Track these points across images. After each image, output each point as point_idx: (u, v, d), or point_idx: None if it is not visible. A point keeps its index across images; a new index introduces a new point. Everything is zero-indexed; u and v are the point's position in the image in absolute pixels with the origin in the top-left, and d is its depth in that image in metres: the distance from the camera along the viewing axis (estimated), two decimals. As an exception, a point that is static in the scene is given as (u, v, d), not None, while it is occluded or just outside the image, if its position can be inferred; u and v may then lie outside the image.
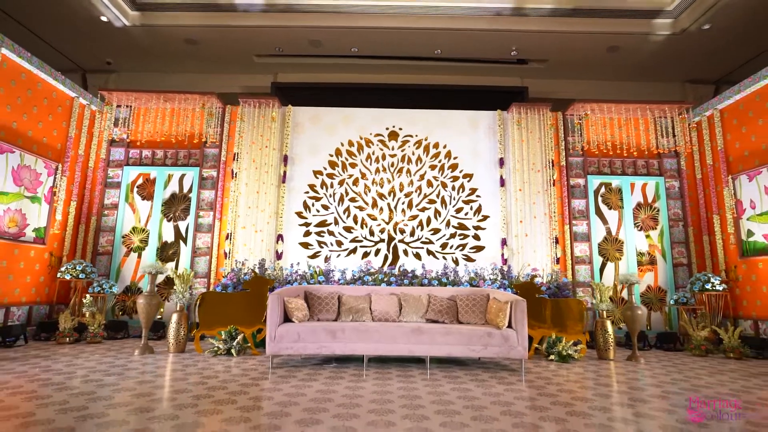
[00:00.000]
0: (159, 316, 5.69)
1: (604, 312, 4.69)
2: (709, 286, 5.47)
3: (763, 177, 5.23)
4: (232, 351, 4.31)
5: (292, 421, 2.36)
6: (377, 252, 6.06)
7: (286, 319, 3.95)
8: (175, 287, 4.85)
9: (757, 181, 5.33)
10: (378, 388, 3.16)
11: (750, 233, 5.44)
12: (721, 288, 5.47)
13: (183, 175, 6.31)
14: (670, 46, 7.23)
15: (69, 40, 7.31)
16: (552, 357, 4.42)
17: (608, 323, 4.61)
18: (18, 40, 6.28)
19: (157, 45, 7.47)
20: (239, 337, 4.40)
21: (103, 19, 6.75)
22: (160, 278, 5.94)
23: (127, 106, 6.42)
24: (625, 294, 5.95)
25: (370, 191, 6.22)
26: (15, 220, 4.98)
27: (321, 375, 3.57)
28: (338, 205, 6.19)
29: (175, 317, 4.49)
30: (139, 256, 6.08)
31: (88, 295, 5.22)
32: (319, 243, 6.08)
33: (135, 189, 6.29)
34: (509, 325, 3.90)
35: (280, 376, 3.50)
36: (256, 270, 5.12)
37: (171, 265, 6.01)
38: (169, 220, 6.20)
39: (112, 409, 2.48)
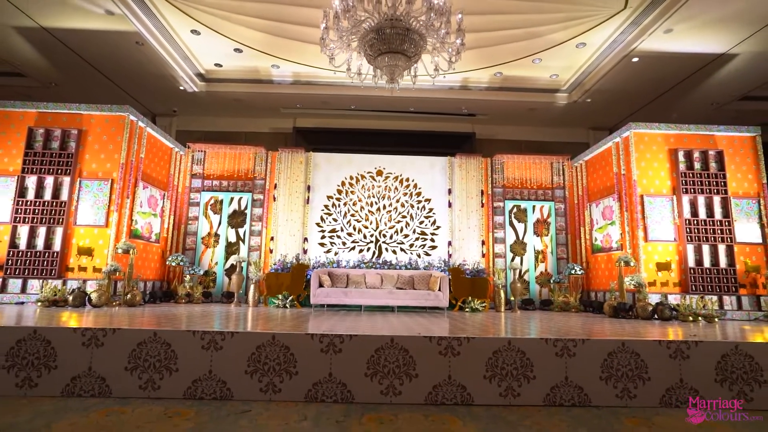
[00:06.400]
0: (227, 289, 8.94)
1: (499, 285, 8.08)
2: (574, 272, 8.90)
3: (600, 206, 8.71)
4: (286, 305, 7.62)
5: (324, 327, 4.42)
6: (368, 249, 9.39)
7: (320, 285, 7.27)
8: (251, 269, 8.13)
9: (598, 208, 8.81)
10: (369, 319, 6.47)
11: (595, 239, 8.92)
12: (580, 272, 8.90)
13: (240, 198, 9.56)
14: (571, 108, 10.67)
15: (149, 96, 10.48)
16: (467, 310, 7.82)
17: (501, 291, 8.01)
18: (115, 94, 9.60)
19: (212, 101, 10.68)
20: (289, 298, 7.70)
21: (180, 88, 9.93)
22: (226, 263, 9.20)
23: (202, 151, 9.62)
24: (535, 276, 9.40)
25: (363, 209, 9.55)
26: (149, 229, 8.19)
27: (338, 314, 6.85)
28: (343, 218, 9.50)
29: (252, 287, 7.78)
30: (213, 252, 9.31)
31: (188, 275, 8.45)
32: (331, 243, 9.39)
33: (209, 207, 9.51)
34: (440, 289, 7.28)
35: (316, 314, 6.78)
36: (296, 260, 8.42)
37: (236, 257, 9.26)
38: (232, 228, 9.44)
39: (226, 317, 5.76)
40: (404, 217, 9.55)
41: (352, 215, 9.50)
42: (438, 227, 9.54)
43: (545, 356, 3.63)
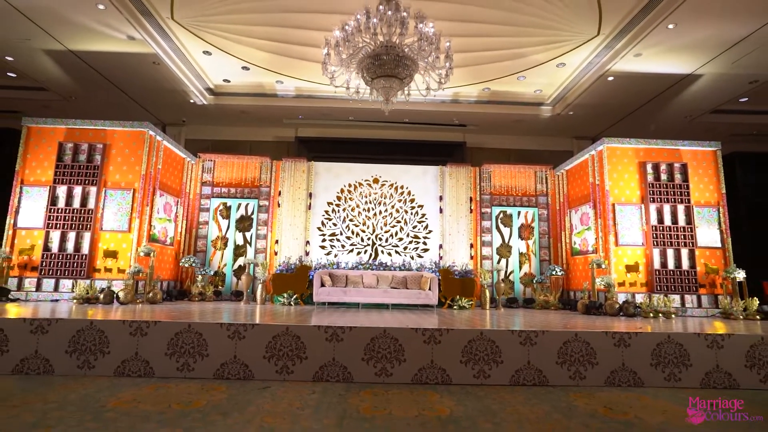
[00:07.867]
0: (236, 288, 9.69)
1: (485, 284, 8.84)
2: (554, 273, 9.68)
3: (579, 212, 9.49)
4: (291, 303, 8.37)
5: (327, 321, 6.22)
6: (365, 251, 10.14)
7: (322, 284, 8.02)
8: (257, 270, 8.89)
9: (577, 214, 9.59)
10: (366, 315, 7.23)
11: (574, 243, 9.70)
12: (561, 273, 9.67)
13: (247, 204, 10.30)
14: (555, 120, 11.43)
15: (161, 108, 11.20)
16: (455, 307, 8.58)
17: (487, 290, 8.78)
18: (128, 105, 10.35)
19: (220, 112, 11.41)
20: (294, 297, 8.45)
21: (191, 101, 10.66)
22: (234, 264, 9.94)
23: (212, 161, 10.36)
24: (518, 276, 10.18)
25: (361, 215, 10.31)
26: (164, 233, 8.93)
27: (338, 311, 7.60)
28: (342, 223, 10.26)
29: (260, 286, 8.53)
30: (222, 254, 10.06)
31: (200, 276, 9.19)
32: (331, 246, 10.14)
33: (218, 212, 10.25)
34: (430, 289, 8.05)
35: (319, 310, 7.54)
36: (299, 262, 9.18)
37: (243, 259, 10.00)
38: (239, 232, 10.19)
39: (240, 313, 6.52)
40: (399, 221, 10.31)
41: (351, 220, 10.25)
42: (430, 231, 10.31)
43: (511, 344, 4.40)
